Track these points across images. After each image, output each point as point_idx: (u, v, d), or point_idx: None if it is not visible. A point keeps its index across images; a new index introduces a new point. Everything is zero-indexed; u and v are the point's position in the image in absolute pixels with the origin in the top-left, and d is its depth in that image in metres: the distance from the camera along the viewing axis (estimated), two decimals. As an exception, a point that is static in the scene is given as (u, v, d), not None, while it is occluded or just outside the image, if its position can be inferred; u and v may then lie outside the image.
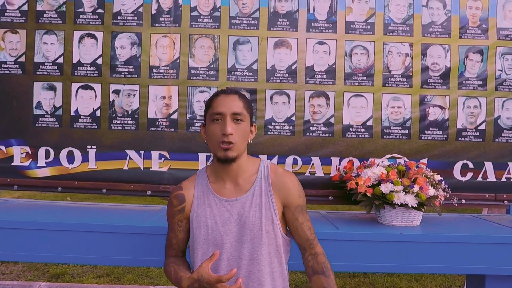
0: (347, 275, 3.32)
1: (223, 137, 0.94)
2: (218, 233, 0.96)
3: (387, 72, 1.72)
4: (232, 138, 0.94)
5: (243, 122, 0.97)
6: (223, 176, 1.00)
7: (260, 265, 0.95)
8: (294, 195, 1.00)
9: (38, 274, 3.15)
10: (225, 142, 0.93)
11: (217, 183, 1.01)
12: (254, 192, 0.98)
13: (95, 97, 1.69)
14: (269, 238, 0.96)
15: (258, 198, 0.98)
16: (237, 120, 0.96)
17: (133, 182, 1.68)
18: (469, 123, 1.73)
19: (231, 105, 0.96)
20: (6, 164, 1.68)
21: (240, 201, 0.98)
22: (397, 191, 1.40)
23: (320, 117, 1.71)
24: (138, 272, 3.26)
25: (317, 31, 1.71)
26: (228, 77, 1.69)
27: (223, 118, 0.95)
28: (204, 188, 1.01)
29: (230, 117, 0.95)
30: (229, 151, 0.94)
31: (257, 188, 0.99)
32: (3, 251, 1.36)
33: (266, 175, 1.00)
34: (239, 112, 0.96)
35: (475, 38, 1.73)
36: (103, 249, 1.35)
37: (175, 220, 1.02)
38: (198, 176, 1.04)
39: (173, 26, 1.70)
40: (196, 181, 1.03)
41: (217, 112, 0.96)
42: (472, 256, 1.35)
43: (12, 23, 1.69)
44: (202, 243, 0.97)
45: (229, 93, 0.99)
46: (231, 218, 0.96)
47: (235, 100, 0.97)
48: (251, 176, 1.00)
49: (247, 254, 0.95)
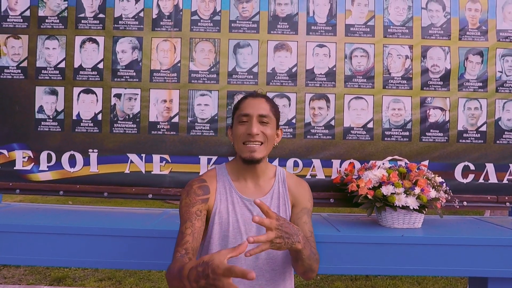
0: (349, 278, 3.30)
1: (248, 137, 0.96)
2: (238, 231, 0.97)
3: (387, 75, 1.72)
4: (258, 138, 0.97)
5: (269, 124, 0.99)
6: (246, 176, 1.03)
7: (275, 265, 0.98)
8: (304, 198, 1.06)
9: (40, 278, 3.16)
10: (250, 141, 0.96)
11: (239, 181, 1.03)
12: (273, 194, 1.03)
13: (97, 101, 1.70)
14: None
15: (276, 200, 1.03)
16: (264, 123, 0.98)
17: (135, 186, 1.68)
18: (470, 124, 1.73)
19: (258, 107, 0.99)
20: (8, 168, 1.69)
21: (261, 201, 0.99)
22: (398, 193, 1.40)
23: (321, 120, 1.71)
24: (140, 275, 3.25)
25: (317, 34, 1.72)
26: (229, 81, 1.70)
27: (249, 119, 0.98)
28: (226, 185, 1.02)
29: (256, 119, 0.98)
30: (255, 152, 0.96)
31: (276, 191, 1.03)
32: (5, 255, 1.36)
33: (283, 180, 1.06)
34: (265, 114, 0.99)
35: (475, 40, 1.74)
36: (105, 252, 1.35)
37: (193, 209, 0.95)
38: (219, 173, 1.05)
39: (174, 30, 1.71)
40: (218, 176, 1.04)
41: (244, 113, 0.99)
42: (474, 259, 1.35)
43: (15, 29, 1.71)
44: (221, 240, 0.97)
45: (257, 96, 1.03)
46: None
47: (262, 103, 1.00)
48: (270, 179, 1.05)
49: (264, 254, 0.96)
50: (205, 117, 1.70)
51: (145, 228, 1.37)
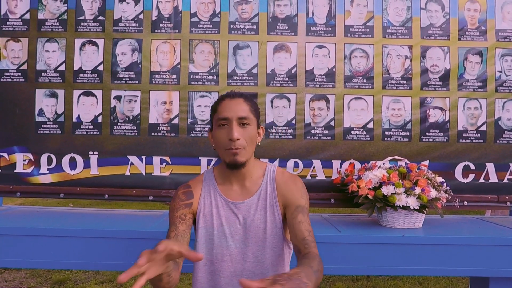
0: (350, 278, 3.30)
1: (230, 143, 0.93)
2: (223, 234, 0.96)
3: (387, 75, 1.72)
4: (239, 144, 0.93)
5: (249, 125, 0.96)
6: (231, 179, 1.00)
7: (264, 268, 0.96)
8: (295, 195, 0.99)
9: (41, 281, 3.15)
10: (232, 147, 0.93)
11: (224, 185, 1.01)
12: (260, 195, 0.99)
13: (97, 104, 1.71)
14: (273, 241, 0.96)
15: (263, 201, 0.99)
16: (244, 124, 0.95)
17: (135, 188, 1.69)
18: (470, 124, 1.73)
19: (237, 109, 0.94)
20: (8, 171, 1.69)
21: (246, 204, 0.98)
22: (399, 193, 1.40)
23: (321, 120, 1.71)
24: (141, 277, 3.24)
25: (316, 35, 1.72)
26: (229, 82, 1.70)
27: (229, 123, 0.94)
28: (211, 189, 1.01)
29: (236, 122, 0.94)
30: (237, 156, 0.94)
31: (263, 191, 0.99)
32: (6, 258, 1.36)
33: (271, 178, 1.01)
34: (245, 116, 0.94)
35: (474, 40, 1.74)
36: (106, 254, 1.35)
37: (178, 213, 0.97)
38: (205, 177, 1.04)
39: (173, 32, 1.71)
40: (204, 181, 1.03)
41: (223, 117, 0.94)
42: (475, 258, 1.35)
43: (14, 32, 1.71)
44: (207, 243, 0.97)
45: (234, 96, 0.97)
46: (237, 221, 0.97)
47: (240, 104, 0.96)
48: (258, 179, 1.01)
49: (252, 256, 0.95)
50: (205, 119, 1.70)
51: (146, 230, 1.37)
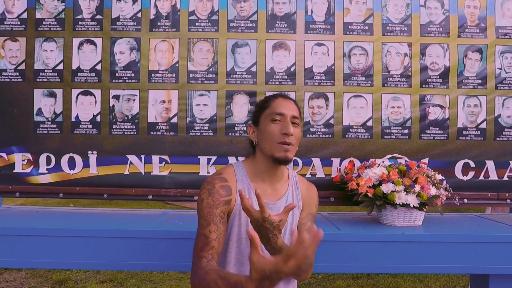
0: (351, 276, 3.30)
1: (284, 137, 0.95)
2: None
3: (386, 72, 1.72)
4: (291, 139, 0.96)
5: (298, 126, 1.00)
6: (265, 177, 1.00)
7: None
8: (312, 204, 1.07)
9: (42, 281, 3.15)
10: (286, 142, 0.95)
11: (256, 182, 1.00)
12: (288, 198, 1.02)
13: (95, 103, 1.70)
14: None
15: None
16: (294, 124, 0.98)
17: (134, 187, 1.68)
18: (470, 122, 1.72)
19: (291, 108, 0.99)
20: (7, 171, 1.69)
21: (277, 205, 1.00)
22: (398, 191, 1.40)
23: (320, 118, 1.71)
24: (141, 277, 3.25)
25: (315, 32, 1.72)
26: (227, 80, 1.70)
27: (283, 119, 0.97)
28: (245, 185, 0.98)
29: (290, 119, 0.98)
30: (288, 152, 0.96)
31: (290, 195, 1.03)
32: (6, 258, 1.36)
33: (296, 183, 1.06)
34: (297, 116, 1.00)
35: (474, 37, 1.73)
36: (106, 254, 1.35)
37: (217, 211, 0.89)
38: (237, 171, 1.00)
39: (172, 30, 1.71)
40: (237, 175, 0.99)
41: (279, 112, 0.98)
42: (475, 256, 1.34)
43: (12, 31, 1.71)
44: (238, 242, 0.96)
45: (287, 98, 1.03)
46: None
47: (293, 104, 1.02)
48: (285, 182, 1.04)
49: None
50: (204, 117, 1.70)
51: (146, 229, 1.37)
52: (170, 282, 3.13)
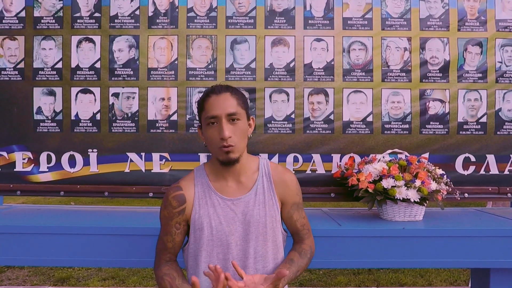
0: (351, 272, 3.31)
1: (222, 141, 0.91)
2: (223, 233, 0.95)
3: (386, 67, 1.71)
4: (231, 141, 0.91)
5: (239, 120, 0.93)
6: (225, 175, 0.98)
7: (266, 262, 0.96)
8: (292, 193, 1.01)
9: (44, 279, 3.17)
10: (224, 146, 0.91)
11: (218, 181, 0.98)
12: (257, 190, 0.98)
13: (95, 101, 1.70)
14: (273, 235, 0.97)
15: (261, 196, 0.97)
16: (233, 120, 0.92)
17: (135, 185, 1.68)
18: (470, 116, 1.72)
19: (225, 106, 0.91)
20: (8, 170, 1.69)
21: (244, 199, 0.97)
22: (399, 186, 1.40)
23: (320, 114, 1.70)
24: (143, 274, 3.27)
25: (314, 28, 1.71)
26: (227, 77, 1.69)
27: (218, 121, 0.92)
28: (205, 187, 0.98)
29: (225, 119, 0.91)
30: (230, 153, 0.92)
31: (260, 186, 0.98)
32: (8, 256, 1.37)
33: (267, 173, 1.00)
34: (234, 112, 0.92)
35: (474, 31, 1.72)
36: (107, 251, 1.36)
37: (172, 222, 0.97)
38: (197, 175, 1.00)
39: (170, 27, 1.70)
40: (195, 180, 0.99)
41: (211, 115, 0.92)
42: (476, 250, 1.35)
43: (10, 30, 1.70)
44: (206, 245, 0.95)
45: (220, 92, 0.94)
46: (236, 218, 0.95)
47: (228, 99, 0.93)
48: (253, 174, 0.99)
49: (253, 252, 0.95)
50: (204, 115, 1.70)
51: (147, 226, 1.38)
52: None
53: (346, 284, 3.05)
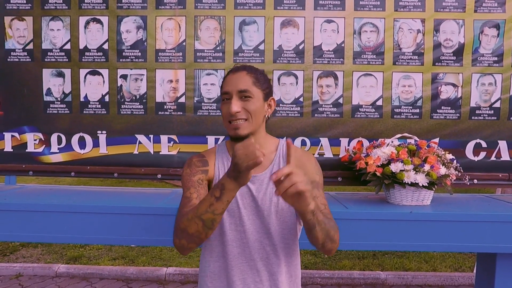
0: (356, 256, 3.35)
1: (230, 116, 0.94)
2: (236, 205, 0.97)
3: (398, 50, 1.67)
4: (240, 116, 0.94)
5: (252, 98, 0.95)
6: None
7: (274, 240, 0.97)
8: (310, 172, 1.01)
9: (57, 257, 3.28)
10: (233, 119, 0.94)
11: None
12: (272, 170, 0.99)
13: (103, 83, 1.70)
14: (285, 216, 0.97)
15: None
16: (245, 97, 0.94)
17: (144, 166, 1.71)
18: (483, 101, 1.68)
19: (237, 83, 0.95)
20: (20, 151, 1.72)
21: (258, 178, 0.98)
22: (407, 170, 1.39)
23: (329, 98, 1.68)
24: (152, 254, 3.35)
25: (325, 9, 1.66)
26: (235, 59, 1.67)
27: (230, 97, 0.95)
28: (225, 161, 1.01)
29: (236, 96, 0.94)
30: (238, 129, 0.94)
31: (275, 166, 1.00)
32: (23, 233, 1.41)
33: (284, 154, 1.02)
34: (245, 89, 0.94)
35: (492, 12, 1.66)
36: (118, 229, 1.39)
37: (195, 178, 0.97)
38: (218, 150, 1.05)
39: (178, 8, 1.68)
40: (217, 153, 1.03)
41: (224, 91, 0.96)
42: (483, 235, 1.34)
43: (19, 11, 1.70)
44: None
45: (237, 70, 0.97)
46: (249, 193, 0.97)
47: (242, 77, 0.96)
48: (270, 154, 1.01)
49: (263, 228, 0.96)
50: (212, 97, 1.69)
51: (156, 206, 1.40)
52: (180, 260, 3.22)
53: (350, 268, 3.10)
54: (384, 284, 2.90)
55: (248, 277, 0.95)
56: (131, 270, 2.97)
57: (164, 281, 2.93)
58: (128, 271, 2.96)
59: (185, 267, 3.07)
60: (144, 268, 3.03)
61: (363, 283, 2.90)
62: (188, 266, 3.09)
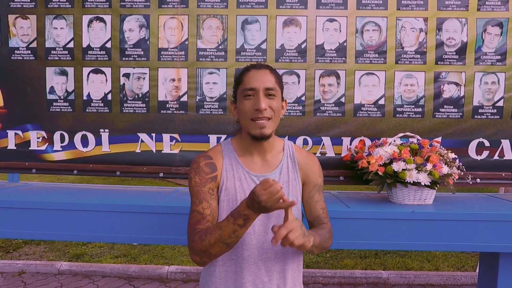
0: (358, 255, 3.35)
1: (256, 113, 0.92)
2: None
3: (400, 49, 1.67)
4: (266, 114, 0.93)
5: (275, 97, 0.95)
6: (252, 151, 0.99)
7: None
8: (315, 174, 1.04)
9: (59, 255, 3.30)
10: (259, 118, 0.93)
11: (245, 157, 1.00)
12: (282, 169, 1.00)
13: (106, 81, 1.71)
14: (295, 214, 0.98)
15: (286, 175, 1.00)
16: (270, 96, 0.94)
17: (146, 165, 1.71)
18: (486, 100, 1.67)
19: (263, 80, 0.93)
20: (23, 149, 1.74)
21: (269, 177, 0.97)
22: (410, 169, 1.39)
23: (331, 97, 1.68)
24: (154, 252, 3.36)
25: (327, 8, 1.66)
26: (237, 58, 1.68)
27: (255, 93, 0.93)
28: (233, 161, 1.00)
29: (263, 93, 0.93)
30: (265, 128, 0.93)
31: (284, 166, 1.01)
32: (25, 230, 1.42)
33: (291, 154, 1.03)
34: (271, 87, 0.94)
35: (495, 10, 1.65)
36: (120, 228, 1.40)
37: (205, 188, 0.94)
38: (224, 149, 1.02)
39: (181, 7, 1.68)
40: (223, 153, 1.00)
41: (250, 87, 0.93)
42: (486, 234, 1.34)
43: (22, 9, 1.71)
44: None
45: (260, 67, 0.97)
46: None
47: (267, 75, 0.95)
48: (278, 154, 1.02)
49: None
50: (214, 96, 1.69)
51: (158, 204, 1.41)
52: (182, 258, 3.23)
53: (352, 267, 3.09)
54: (386, 283, 2.90)
55: (257, 278, 0.95)
56: (133, 268, 2.98)
57: (166, 279, 2.94)
58: (130, 269, 2.97)
59: (187, 265, 3.08)
60: (146, 266, 3.04)
61: (365, 282, 2.90)
62: (190, 264, 3.10)
